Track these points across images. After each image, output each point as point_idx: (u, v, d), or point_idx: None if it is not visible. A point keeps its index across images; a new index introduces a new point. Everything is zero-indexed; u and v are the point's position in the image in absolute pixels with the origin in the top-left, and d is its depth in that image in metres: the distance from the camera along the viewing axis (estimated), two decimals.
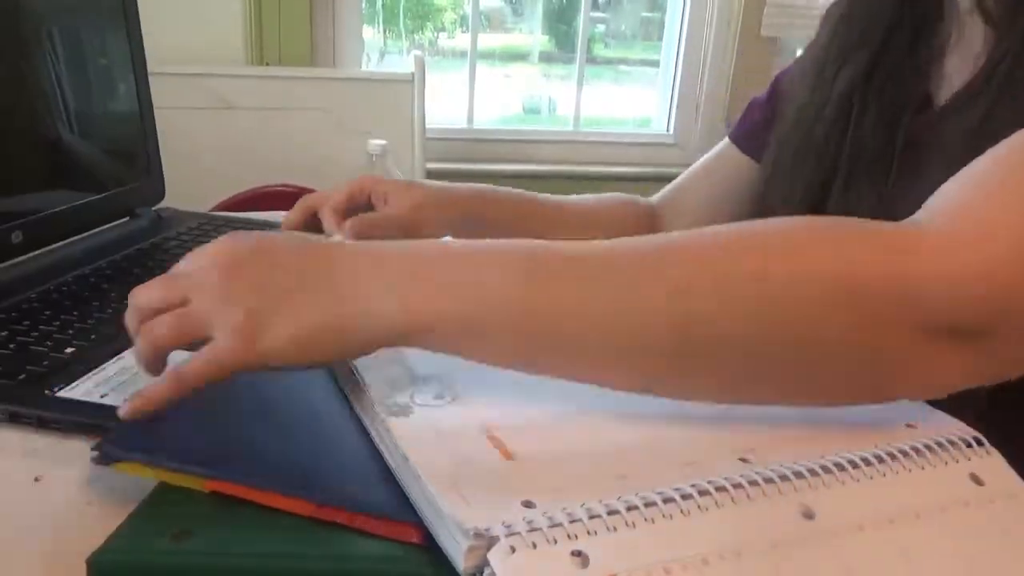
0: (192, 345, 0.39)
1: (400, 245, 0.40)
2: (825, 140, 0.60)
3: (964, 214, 0.39)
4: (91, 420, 0.45)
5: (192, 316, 0.39)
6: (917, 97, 0.57)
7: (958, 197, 0.40)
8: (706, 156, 0.79)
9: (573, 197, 0.76)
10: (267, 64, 1.70)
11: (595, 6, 2.03)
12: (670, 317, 0.36)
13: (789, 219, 0.38)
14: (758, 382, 0.38)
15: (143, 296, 0.41)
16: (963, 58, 0.55)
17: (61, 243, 0.73)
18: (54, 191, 0.73)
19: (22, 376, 0.49)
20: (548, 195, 0.74)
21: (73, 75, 0.76)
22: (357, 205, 0.67)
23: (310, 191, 1.62)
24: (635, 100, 2.17)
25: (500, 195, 0.71)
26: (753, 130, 0.74)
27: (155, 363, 0.40)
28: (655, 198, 0.81)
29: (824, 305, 0.36)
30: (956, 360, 0.37)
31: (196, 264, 0.41)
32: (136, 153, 0.85)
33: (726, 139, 0.78)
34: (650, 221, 0.79)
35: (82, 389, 0.48)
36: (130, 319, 0.41)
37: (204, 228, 0.84)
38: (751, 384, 0.38)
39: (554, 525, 0.31)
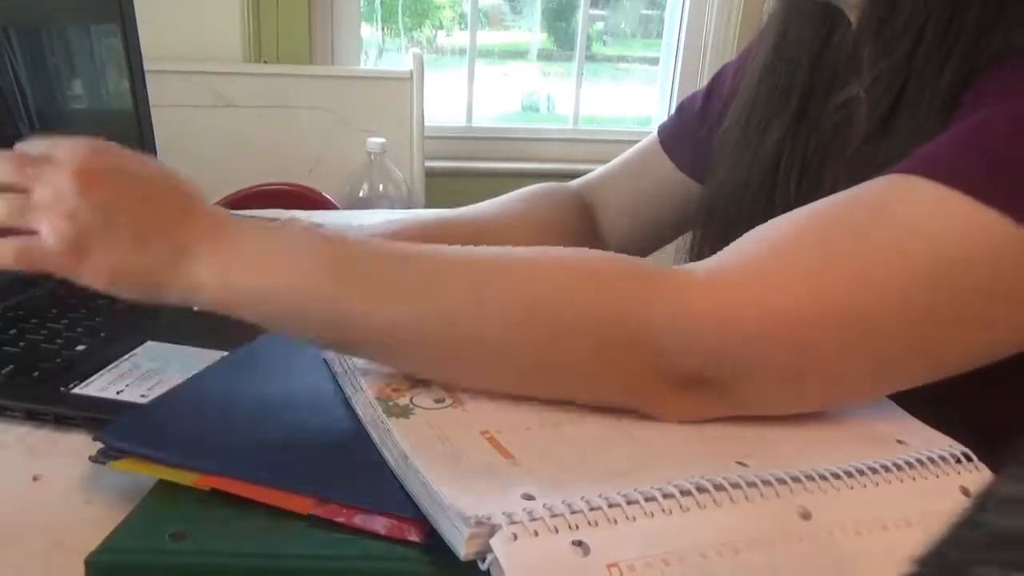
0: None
1: (248, 226, 0.42)
2: (753, 201, 0.60)
3: (723, 269, 0.42)
4: (109, 416, 0.45)
5: (32, 208, 0.40)
6: (837, 150, 0.57)
7: (727, 252, 0.43)
8: (634, 150, 0.77)
9: (494, 206, 0.73)
10: (265, 61, 1.70)
11: (594, 3, 2.03)
12: (436, 318, 0.40)
13: (564, 251, 0.43)
14: (521, 388, 0.42)
15: None
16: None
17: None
18: None
19: (36, 374, 0.49)
20: (471, 211, 0.72)
21: (69, 73, 0.76)
22: None
23: (308, 189, 1.62)
24: (634, 98, 2.17)
25: (423, 228, 0.68)
26: (682, 137, 0.73)
27: None
28: (577, 184, 0.78)
29: (565, 334, 0.40)
30: (695, 398, 0.40)
31: (58, 155, 0.41)
32: (133, 151, 0.85)
33: (654, 135, 0.75)
34: (581, 209, 0.76)
35: (97, 386, 0.49)
36: None
37: None
38: (512, 382, 0.42)
39: (555, 515, 0.31)
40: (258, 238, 0.42)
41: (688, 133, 0.72)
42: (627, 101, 2.17)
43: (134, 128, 0.85)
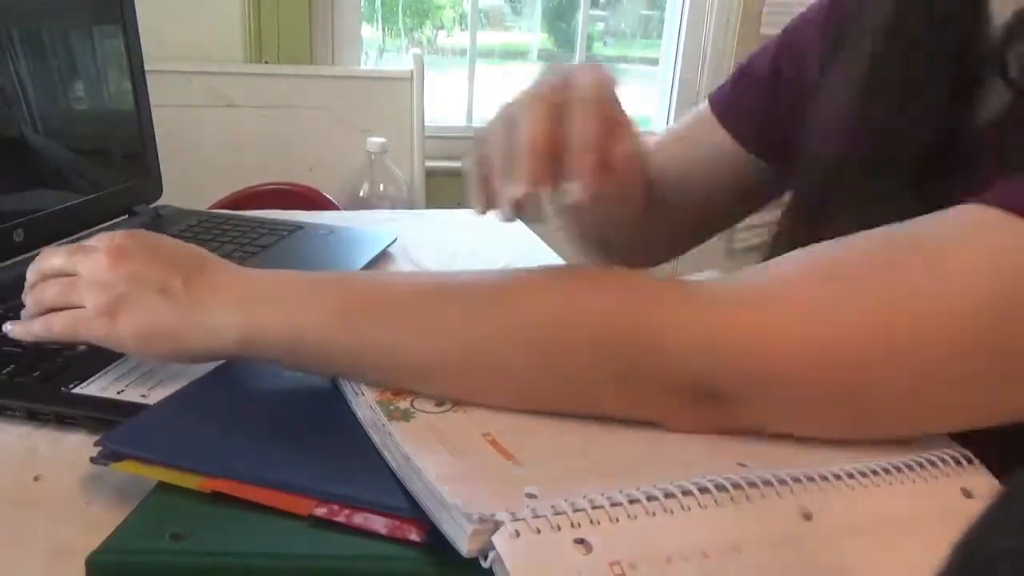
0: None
1: (263, 273, 0.47)
2: (858, 181, 0.52)
3: (764, 285, 0.40)
4: (110, 416, 0.45)
5: (76, 287, 0.47)
6: (957, 117, 0.49)
7: (768, 267, 0.41)
8: (683, 121, 0.71)
9: None
10: (266, 62, 1.70)
11: (594, 4, 2.03)
12: (454, 350, 0.41)
13: (568, 269, 0.44)
14: (541, 406, 0.41)
15: (47, 262, 0.49)
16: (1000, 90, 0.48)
17: (62, 241, 0.73)
18: (54, 190, 0.73)
19: (36, 373, 0.49)
20: None
21: (70, 73, 0.76)
22: None
23: (309, 189, 1.62)
24: (634, 98, 2.17)
25: None
26: (740, 106, 0.66)
27: (36, 314, 0.48)
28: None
29: (583, 351, 0.39)
30: (708, 416, 0.40)
31: (98, 245, 0.48)
32: (134, 151, 0.85)
33: (705, 105, 0.69)
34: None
35: (98, 385, 0.48)
36: (31, 274, 0.50)
37: (203, 226, 0.83)
38: (532, 404, 0.42)
39: (558, 513, 0.31)
40: (272, 278, 0.46)
41: (748, 102, 0.66)
42: (627, 101, 2.17)
43: (135, 128, 0.85)
